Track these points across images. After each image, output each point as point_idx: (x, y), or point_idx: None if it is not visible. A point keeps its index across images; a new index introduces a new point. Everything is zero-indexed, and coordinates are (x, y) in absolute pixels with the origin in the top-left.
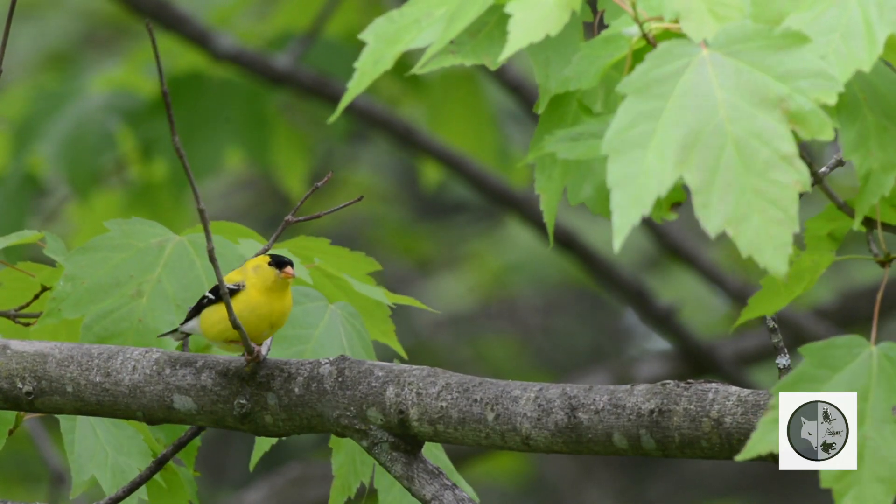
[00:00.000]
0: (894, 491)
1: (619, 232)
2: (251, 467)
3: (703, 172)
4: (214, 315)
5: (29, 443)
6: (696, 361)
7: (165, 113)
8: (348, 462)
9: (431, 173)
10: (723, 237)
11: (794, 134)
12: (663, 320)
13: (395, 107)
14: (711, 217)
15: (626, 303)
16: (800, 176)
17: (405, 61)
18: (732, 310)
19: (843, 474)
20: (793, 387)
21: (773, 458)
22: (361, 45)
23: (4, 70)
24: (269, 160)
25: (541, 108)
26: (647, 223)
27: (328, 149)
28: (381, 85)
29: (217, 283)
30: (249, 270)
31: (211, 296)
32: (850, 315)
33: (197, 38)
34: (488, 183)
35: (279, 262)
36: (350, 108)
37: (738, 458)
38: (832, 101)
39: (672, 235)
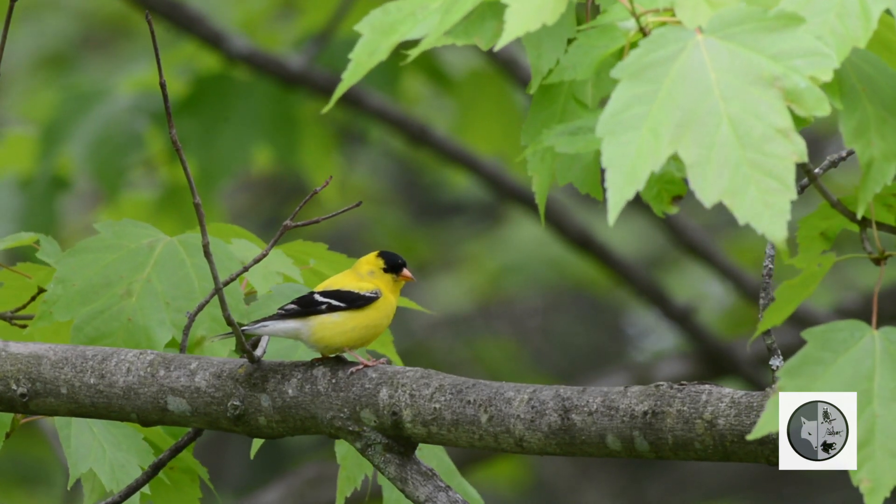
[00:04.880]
0: None
1: (613, 208)
2: (251, 455)
3: (698, 149)
4: (349, 322)
5: (30, 445)
6: (714, 361)
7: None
8: (352, 453)
9: (459, 179)
10: (732, 236)
11: (794, 115)
12: (681, 320)
13: (412, 106)
14: (707, 190)
15: (643, 302)
16: (796, 147)
17: (430, 59)
18: (746, 306)
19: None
20: (798, 370)
21: (768, 461)
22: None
23: (3, 71)
24: (297, 159)
25: (532, 90)
26: (663, 222)
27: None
28: (409, 83)
29: (216, 278)
30: (366, 274)
31: (336, 302)
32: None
33: (210, 38)
34: (504, 182)
35: (394, 266)
36: (364, 107)
37: (750, 437)
38: (828, 77)
39: (688, 233)
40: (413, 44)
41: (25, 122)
